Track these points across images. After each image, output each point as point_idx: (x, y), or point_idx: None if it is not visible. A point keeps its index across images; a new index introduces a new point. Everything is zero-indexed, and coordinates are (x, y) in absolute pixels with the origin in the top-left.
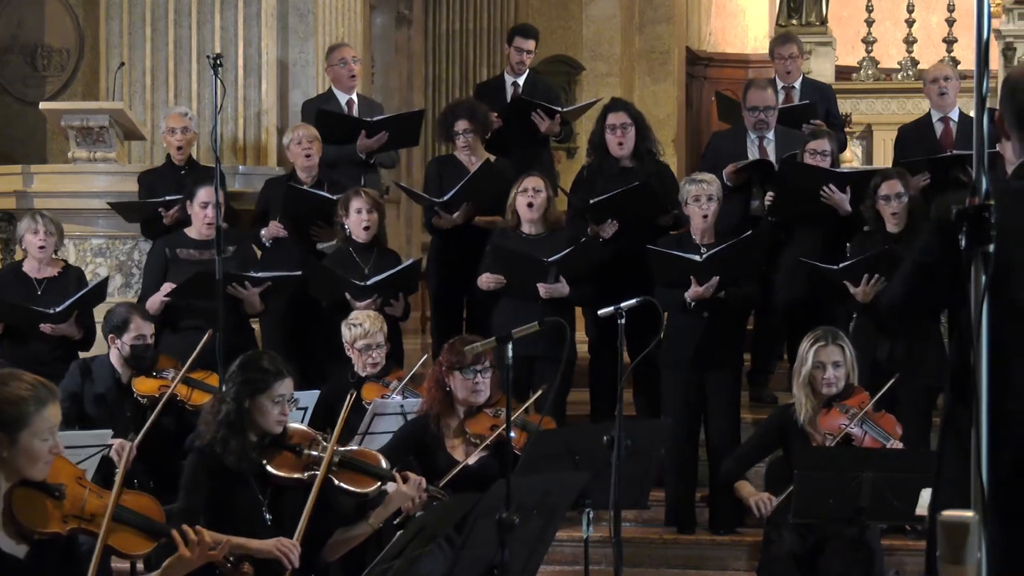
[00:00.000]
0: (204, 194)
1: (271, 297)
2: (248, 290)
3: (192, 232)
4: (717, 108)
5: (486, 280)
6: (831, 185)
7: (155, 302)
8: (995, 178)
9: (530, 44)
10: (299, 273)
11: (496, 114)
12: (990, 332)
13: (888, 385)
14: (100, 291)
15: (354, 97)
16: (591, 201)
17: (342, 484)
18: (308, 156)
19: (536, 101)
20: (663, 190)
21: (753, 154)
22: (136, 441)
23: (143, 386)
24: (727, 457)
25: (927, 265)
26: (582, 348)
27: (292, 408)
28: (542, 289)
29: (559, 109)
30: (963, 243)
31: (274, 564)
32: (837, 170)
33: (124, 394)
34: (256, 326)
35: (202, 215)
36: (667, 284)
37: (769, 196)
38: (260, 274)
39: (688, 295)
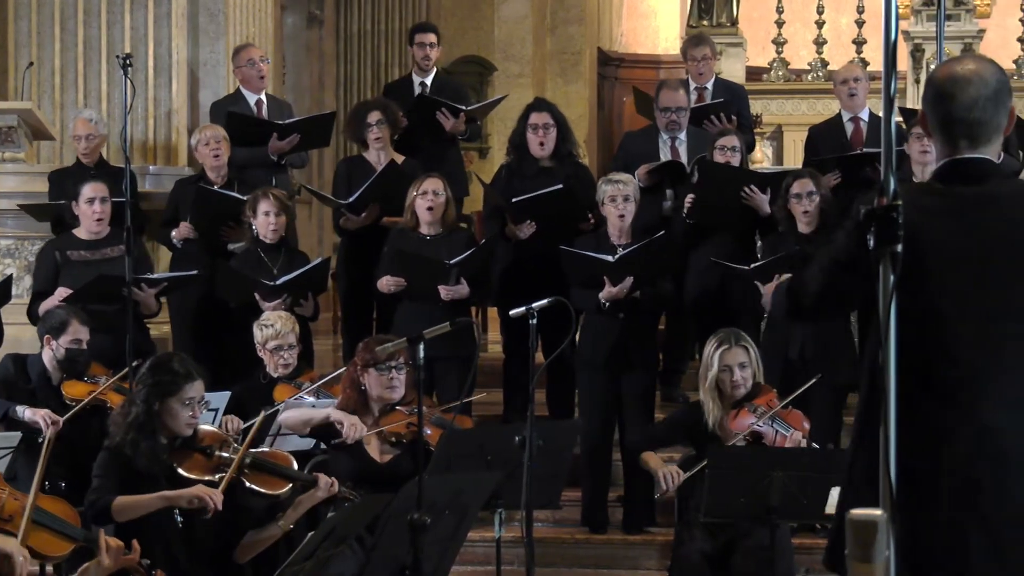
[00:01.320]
0: (89, 190)
1: (174, 295)
2: (145, 292)
3: (81, 232)
4: (635, 103)
5: (386, 283)
6: (752, 186)
7: (49, 307)
8: (923, 182)
9: (430, 37)
10: (195, 272)
11: (401, 113)
12: (905, 335)
13: (807, 386)
14: (4, 291)
15: (263, 97)
16: (513, 200)
17: (253, 486)
18: (216, 156)
19: (439, 99)
20: (582, 192)
21: (665, 155)
22: (60, 423)
23: (73, 390)
24: (636, 431)
25: (843, 263)
26: (495, 348)
27: (202, 410)
28: (443, 291)
29: (463, 108)
30: (871, 242)
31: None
32: (757, 171)
33: (53, 395)
34: (167, 327)
35: (90, 212)
36: (582, 285)
37: (689, 199)
38: (156, 275)
39: (602, 296)
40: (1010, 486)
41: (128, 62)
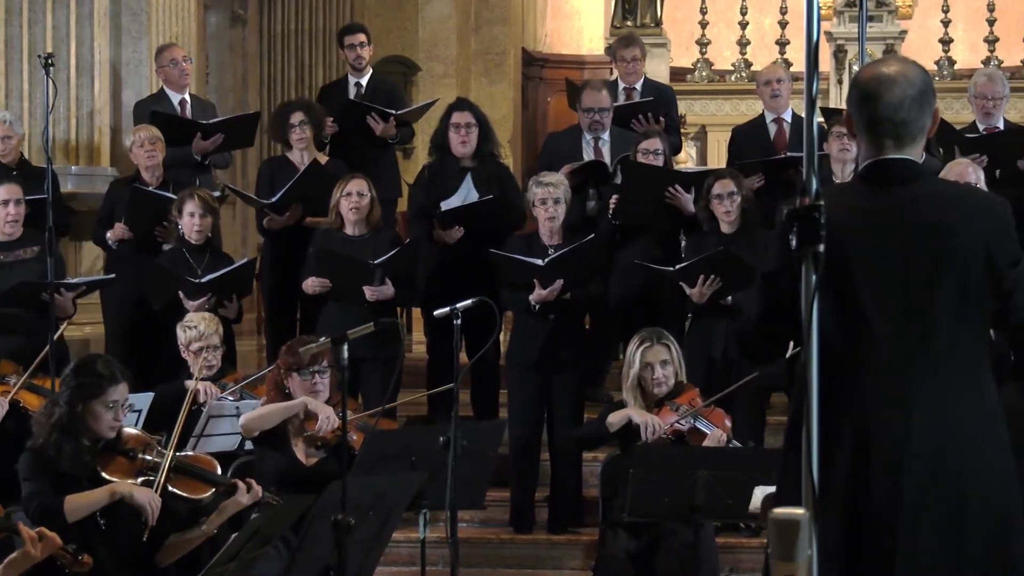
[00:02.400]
0: (2, 192)
1: (108, 296)
2: (64, 296)
3: None
4: (568, 95)
5: (311, 284)
6: (676, 186)
7: None
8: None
9: (359, 37)
10: (112, 276)
11: (331, 119)
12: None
13: (737, 385)
14: None
15: (187, 97)
16: (440, 211)
17: (175, 489)
18: (151, 157)
19: (368, 104)
20: (503, 192)
21: (588, 155)
22: None
23: None
24: (566, 432)
25: (774, 274)
26: (420, 349)
27: (126, 412)
28: (368, 292)
29: (392, 112)
30: (793, 243)
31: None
32: (681, 171)
33: None
34: (88, 328)
35: (3, 214)
36: (512, 286)
37: (614, 200)
38: (75, 280)
39: (532, 298)
40: (932, 481)
41: (50, 61)
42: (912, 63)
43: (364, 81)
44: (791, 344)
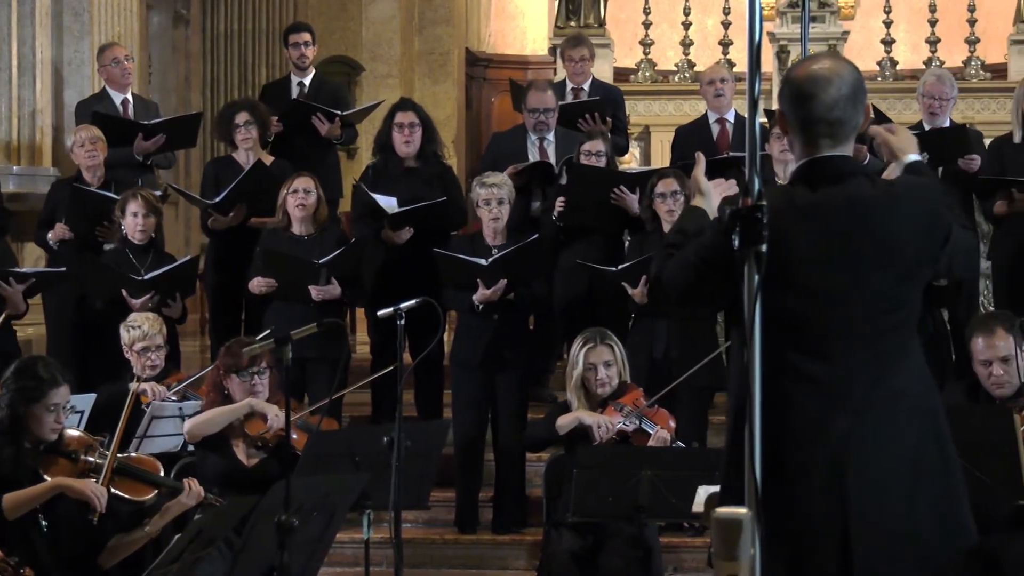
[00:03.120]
0: None
1: (51, 297)
2: (13, 287)
3: None
4: (512, 97)
5: (257, 284)
6: (622, 187)
7: None
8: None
9: (304, 36)
10: (63, 269)
11: (276, 118)
12: (776, 333)
13: (677, 383)
14: None
15: (129, 97)
16: (393, 212)
17: (118, 491)
18: (92, 157)
19: (314, 104)
20: (446, 192)
21: (533, 155)
22: None
23: None
24: (511, 432)
25: (712, 262)
26: (364, 349)
27: (67, 414)
28: (314, 291)
29: (338, 113)
30: (736, 243)
31: None
32: (625, 171)
33: None
34: (31, 329)
35: None
36: (456, 286)
37: (560, 202)
38: (25, 270)
39: (476, 298)
40: (878, 476)
41: None
42: (843, 60)
43: (307, 81)
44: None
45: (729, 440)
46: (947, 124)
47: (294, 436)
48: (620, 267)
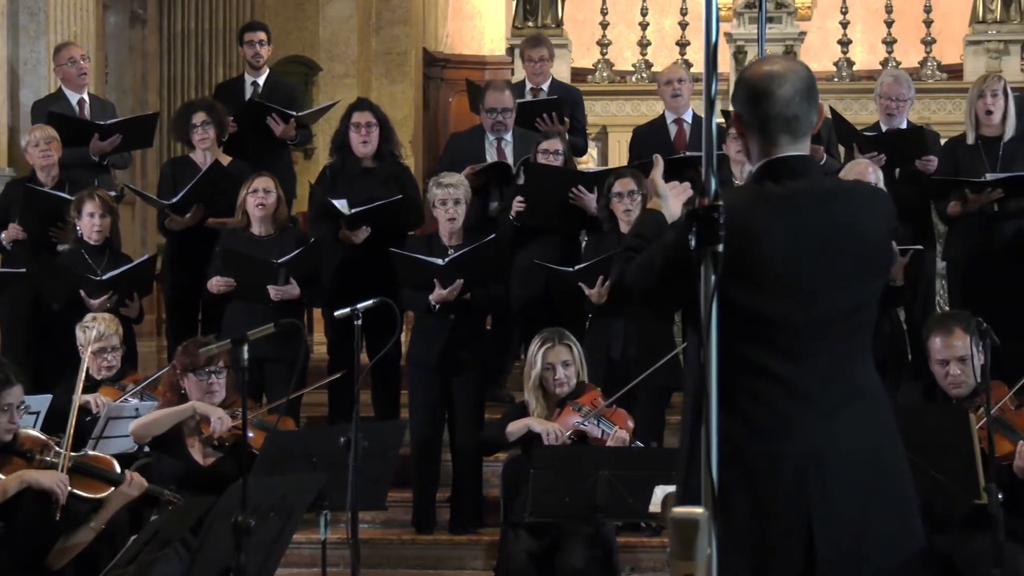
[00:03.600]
0: None
1: (5, 298)
2: None
3: None
4: (469, 98)
5: (215, 284)
6: (580, 187)
7: None
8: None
9: (260, 35)
10: (23, 270)
11: (231, 118)
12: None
13: (635, 383)
14: None
15: (85, 96)
16: (351, 212)
17: (75, 490)
18: (46, 157)
19: (269, 104)
20: (403, 191)
21: (491, 155)
22: None
23: None
24: (467, 433)
25: (676, 261)
26: (321, 350)
27: (22, 415)
28: (272, 291)
29: (293, 113)
30: (693, 243)
31: None
32: (583, 171)
33: None
34: None
35: None
36: (412, 286)
37: (518, 202)
38: None
39: (432, 298)
40: (842, 476)
41: None
42: (795, 60)
43: (261, 80)
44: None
45: (688, 439)
46: (904, 125)
47: (251, 435)
48: (577, 267)
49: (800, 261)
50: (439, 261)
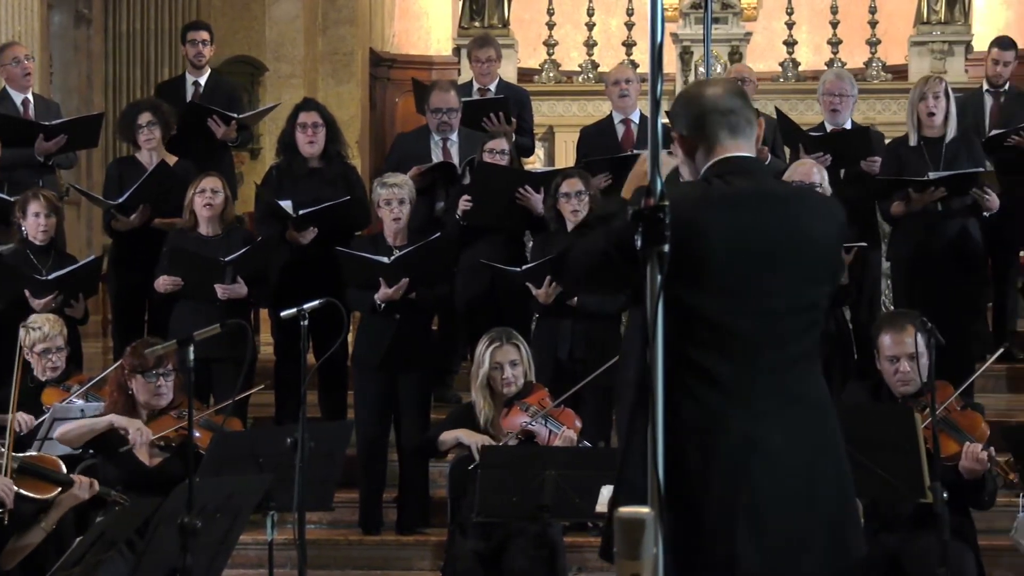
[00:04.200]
0: None
1: None
2: None
3: None
4: (415, 98)
5: (163, 283)
6: (527, 187)
7: None
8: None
9: (202, 35)
10: None
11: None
12: (683, 329)
13: (577, 386)
14: None
15: (30, 96)
16: (299, 213)
17: (22, 491)
18: None
19: (210, 107)
20: (350, 191)
21: (437, 156)
22: None
23: None
24: (412, 432)
25: (622, 247)
26: (267, 350)
27: None
28: (220, 290)
29: (234, 116)
30: (638, 243)
31: None
32: (530, 171)
33: None
34: None
35: None
36: (358, 286)
37: (465, 201)
38: None
39: (377, 297)
40: (777, 476)
41: None
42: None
43: (202, 80)
44: None
45: (625, 437)
46: (848, 122)
47: (197, 435)
48: (525, 267)
49: (744, 261)
50: (385, 260)
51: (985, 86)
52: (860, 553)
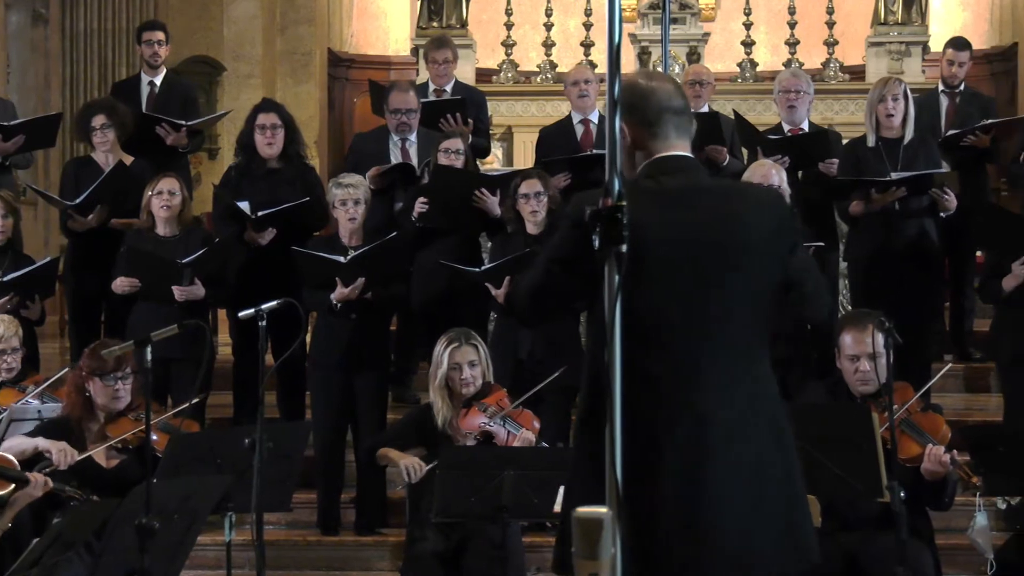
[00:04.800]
0: None
1: None
2: None
3: None
4: (371, 99)
5: (120, 284)
6: (483, 189)
7: None
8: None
9: (158, 35)
10: None
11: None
12: (624, 330)
13: (536, 388)
14: None
15: None
16: (258, 214)
17: None
18: None
19: (158, 116)
20: (308, 192)
21: (396, 156)
22: None
23: None
24: (369, 434)
25: (562, 260)
26: (226, 350)
27: None
28: (177, 292)
29: (183, 123)
30: (596, 243)
31: None
32: (488, 173)
33: None
34: None
35: None
36: (314, 286)
37: (421, 203)
38: None
39: (334, 296)
40: (724, 480)
41: None
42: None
43: (158, 80)
44: None
45: (579, 437)
46: (805, 122)
47: (155, 437)
48: (484, 268)
49: (677, 256)
50: (341, 259)
51: (941, 87)
52: (810, 559)
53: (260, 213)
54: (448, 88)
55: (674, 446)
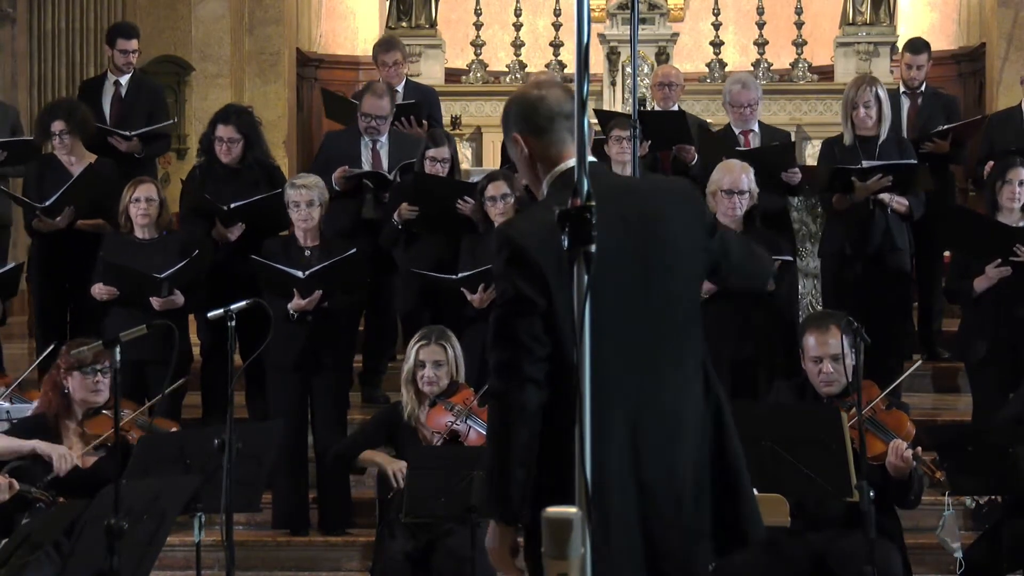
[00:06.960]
0: None
1: None
2: None
3: None
4: (324, 106)
5: (99, 291)
6: (466, 197)
7: None
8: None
9: (133, 44)
10: None
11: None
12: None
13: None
14: None
15: None
16: (231, 206)
17: None
18: None
19: (109, 128)
20: (273, 191)
21: (366, 156)
22: None
23: None
24: (330, 434)
25: (514, 312)
26: (195, 351)
27: None
28: (155, 303)
29: (127, 134)
30: (565, 243)
31: None
32: (471, 182)
33: None
34: None
35: None
36: (272, 293)
37: (409, 209)
38: None
39: (290, 307)
40: (659, 480)
41: None
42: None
43: (124, 80)
44: None
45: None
46: (756, 126)
47: (132, 435)
48: (460, 275)
49: (609, 264)
50: (299, 274)
51: (902, 88)
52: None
53: (233, 205)
54: (400, 88)
55: (608, 454)
